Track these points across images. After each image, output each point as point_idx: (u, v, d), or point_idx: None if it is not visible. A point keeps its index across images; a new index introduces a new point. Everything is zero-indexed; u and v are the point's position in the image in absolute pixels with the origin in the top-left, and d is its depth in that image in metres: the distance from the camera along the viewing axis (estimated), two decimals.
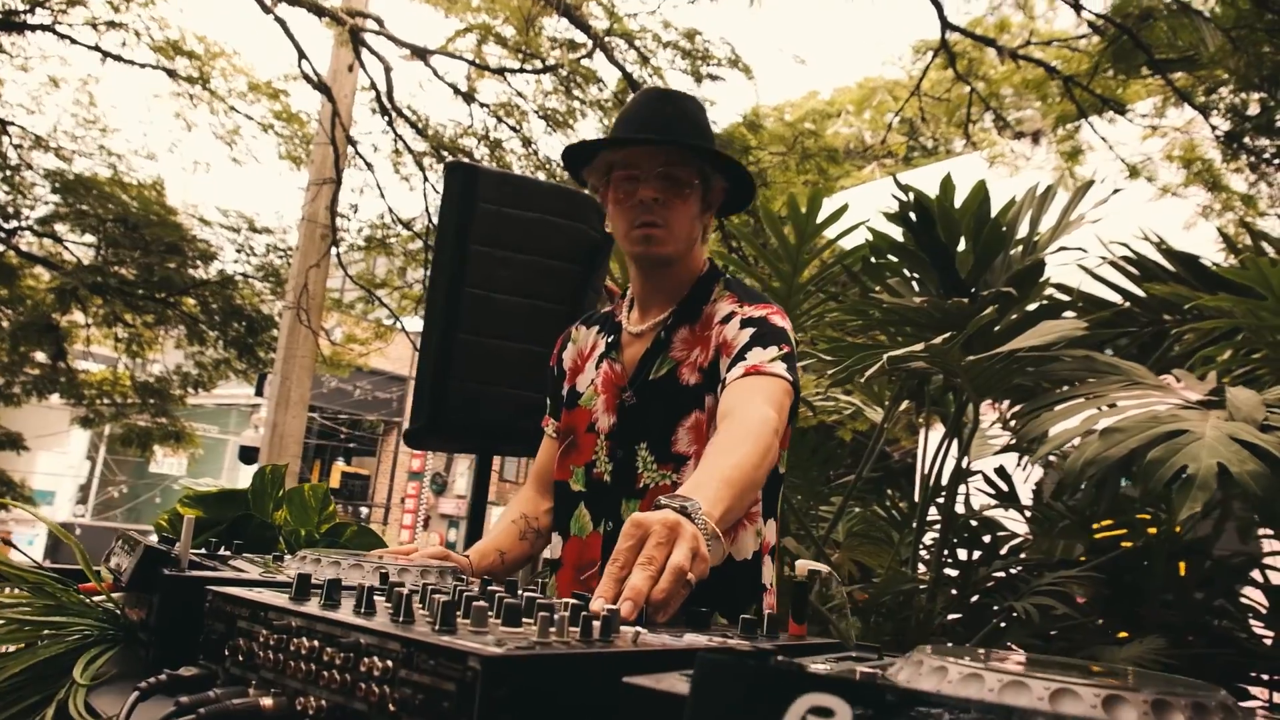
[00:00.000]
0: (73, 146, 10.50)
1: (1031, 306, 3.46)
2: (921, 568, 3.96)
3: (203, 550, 1.26)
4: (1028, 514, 4.12)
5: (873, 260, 4.11)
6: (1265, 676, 3.20)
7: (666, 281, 1.77)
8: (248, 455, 13.57)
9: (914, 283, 3.79)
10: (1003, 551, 3.84)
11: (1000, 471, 4.27)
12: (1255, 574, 3.57)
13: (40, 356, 10.94)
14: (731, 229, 6.96)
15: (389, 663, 0.68)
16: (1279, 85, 4.36)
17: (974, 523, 3.93)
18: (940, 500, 3.78)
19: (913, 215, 3.38)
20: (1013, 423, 4.24)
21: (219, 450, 22.74)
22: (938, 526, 4.05)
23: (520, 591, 0.85)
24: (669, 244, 1.69)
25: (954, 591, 3.71)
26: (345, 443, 27.12)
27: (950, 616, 3.77)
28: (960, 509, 3.90)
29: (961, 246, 3.36)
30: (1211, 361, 3.47)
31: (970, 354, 2.80)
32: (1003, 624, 3.38)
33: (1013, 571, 3.72)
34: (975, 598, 3.68)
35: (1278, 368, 3.26)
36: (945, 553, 3.88)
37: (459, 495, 26.71)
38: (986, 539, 3.88)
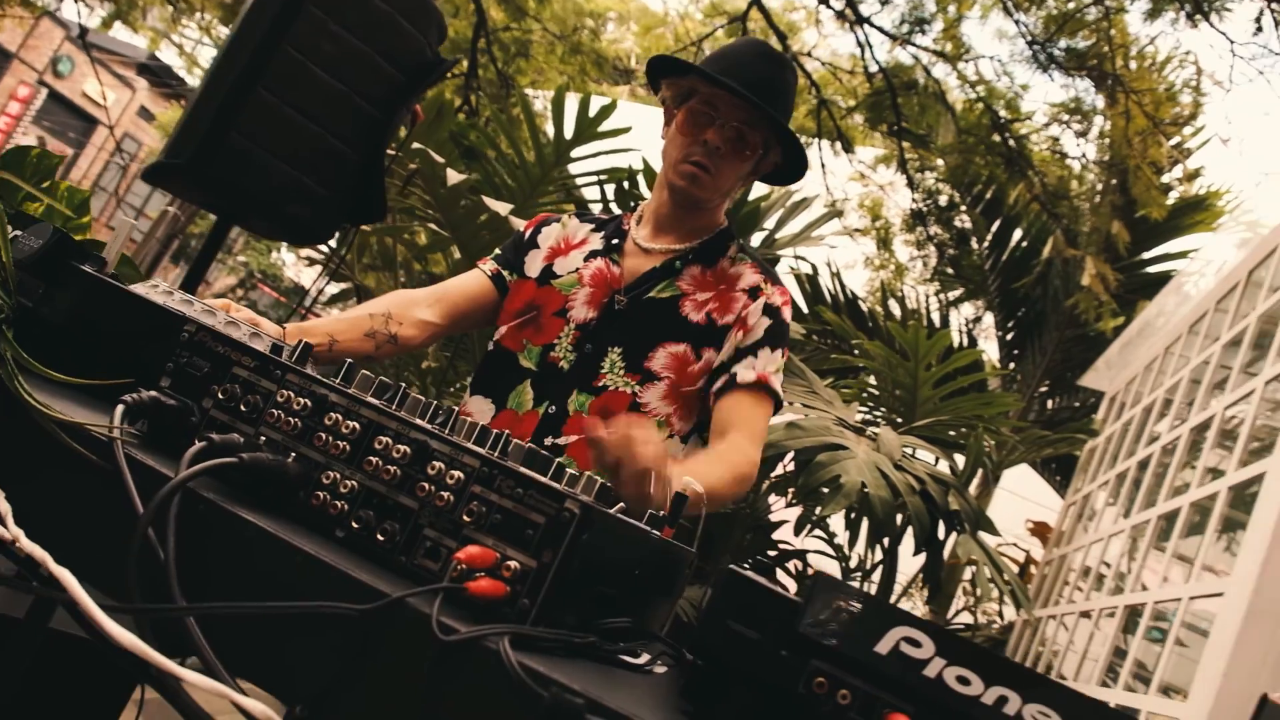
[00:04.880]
0: None
1: None
2: None
3: None
4: None
5: (625, 187, 4.29)
6: None
7: (691, 219, 1.85)
8: None
9: None
10: None
11: None
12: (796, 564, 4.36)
13: None
14: (486, 91, 6.70)
15: (459, 474, 0.72)
16: (970, 192, 5.26)
17: None
18: None
19: None
20: None
21: None
22: None
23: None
24: (709, 191, 1.78)
25: None
26: None
27: None
28: None
29: None
30: (839, 388, 4.13)
31: None
32: None
33: None
34: None
35: (892, 413, 3.99)
36: None
37: None
38: None
